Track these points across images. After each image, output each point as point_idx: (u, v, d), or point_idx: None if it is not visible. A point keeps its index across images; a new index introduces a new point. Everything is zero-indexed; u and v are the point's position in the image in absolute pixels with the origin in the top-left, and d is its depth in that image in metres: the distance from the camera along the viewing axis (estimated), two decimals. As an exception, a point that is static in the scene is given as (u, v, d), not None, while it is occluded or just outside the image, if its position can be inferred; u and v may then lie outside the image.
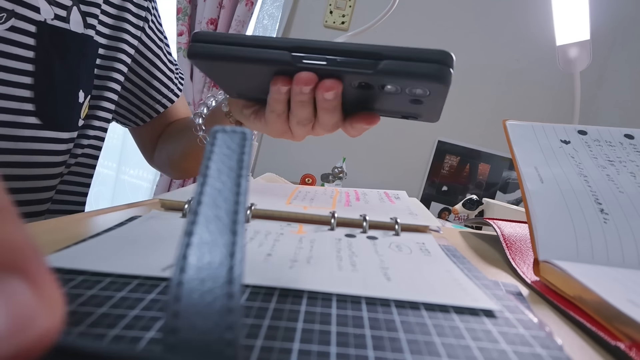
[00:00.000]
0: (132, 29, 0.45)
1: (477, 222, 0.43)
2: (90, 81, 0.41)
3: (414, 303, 0.17)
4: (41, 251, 0.07)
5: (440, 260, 0.23)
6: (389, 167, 1.49)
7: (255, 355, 0.12)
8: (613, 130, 0.32)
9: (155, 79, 0.51)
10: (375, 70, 0.24)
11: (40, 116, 0.34)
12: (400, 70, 0.23)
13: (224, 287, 0.09)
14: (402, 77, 0.24)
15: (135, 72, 0.49)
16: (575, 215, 0.25)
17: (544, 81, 1.45)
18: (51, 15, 0.34)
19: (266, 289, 0.17)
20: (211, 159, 0.12)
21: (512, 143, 0.31)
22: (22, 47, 0.32)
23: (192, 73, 1.48)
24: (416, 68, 0.23)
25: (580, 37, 0.83)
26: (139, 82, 0.50)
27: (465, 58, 1.47)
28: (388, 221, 0.30)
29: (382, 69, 0.24)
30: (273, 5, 1.52)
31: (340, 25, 1.48)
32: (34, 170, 0.36)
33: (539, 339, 0.14)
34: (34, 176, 0.36)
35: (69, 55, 0.36)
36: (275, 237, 0.25)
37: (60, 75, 0.35)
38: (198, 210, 0.11)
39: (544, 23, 1.22)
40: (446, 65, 0.23)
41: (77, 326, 0.13)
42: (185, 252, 0.10)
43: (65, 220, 0.27)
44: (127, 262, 0.18)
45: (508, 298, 0.19)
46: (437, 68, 0.23)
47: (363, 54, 0.24)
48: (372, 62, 0.24)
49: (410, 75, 0.23)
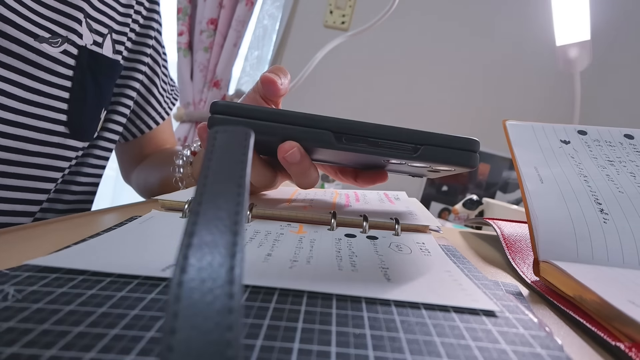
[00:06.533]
0: (148, 50, 0.50)
1: (477, 222, 0.43)
2: (110, 97, 0.45)
3: (414, 303, 0.17)
4: None
5: (440, 261, 0.23)
6: (389, 167, 1.49)
7: (255, 355, 0.12)
8: (613, 130, 0.32)
9: (153, 96, 0.54)
10: (415, 156, 0.25)
11: (70, 126, 0.39)
12: (437, 157, 0.25)
13: (224, 287, 0.09)
14: (437, 162, 0.25)
15: (137, 90, 0.51)
16: (575, 215, 0.25)
17: (544, 81, 1.45)
18: (90, 41, 0.39)
19: (266, 289, 0.17)
20: (211, 159, 0.12)
21: (512, 143, 0.31)
22: (65, 66, 0.37)
23: (192, 73, 1.48)
24: (452, 155, 0.25)
25: (580, 37, 0.83)
26: (138, 99, 0.53)
27: (465, 58, 1.47)
28: (388, 221, 0.30)
29: (420, 155, 0.25)
30: (273, 5, 1.52)
31: (340, 25, 1.48)
32: (39, 172, 0.39)
33: (539, 339, 0.14)
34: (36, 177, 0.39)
35: (100, 76, 0.41)
36: (275, 237, 0.25)
37: (91, 93, 0.40)
38: (199, 211, 0.11)
39: (544, 23, 1.22)
40: (475, 152, 0.25)
41: (77, 326, 0.13)
42: (185, 252, 0.10)
43: (65, 220, 0.27)
44: (127, 262, 0.18)
45: (508, 298, 0.19)
46: (469, 156, 0.25)
47: (404, 138, 0.25)
48: (412, 147, 0.25)
49: (446, 161, 0.25)
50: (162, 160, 0.53)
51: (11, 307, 0.14)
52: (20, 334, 0.12)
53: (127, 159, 0.59)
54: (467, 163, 0.25)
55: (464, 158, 0.25)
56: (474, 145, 0.25)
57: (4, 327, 0.13)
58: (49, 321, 0.13)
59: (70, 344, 0.12)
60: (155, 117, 0.56)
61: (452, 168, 0.27)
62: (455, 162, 0.25)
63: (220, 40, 1.45)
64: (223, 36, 1.45)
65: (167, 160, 0.50)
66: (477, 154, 0.25)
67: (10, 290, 0.15)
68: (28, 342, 0.12)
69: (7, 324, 0.13)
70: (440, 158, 0.25)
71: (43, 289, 0.15)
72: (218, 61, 1.46)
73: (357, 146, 0.25)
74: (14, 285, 0.16)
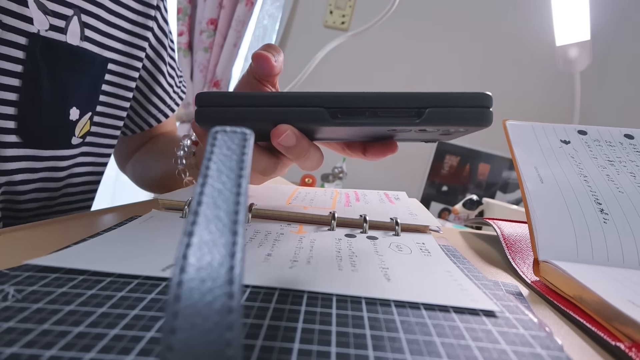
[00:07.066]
0: (144, 43, 0.43)
1: (477, 222, 0.43)
2: (91, 98, 0.38)
3: (414, 303, 0.17)
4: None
5: (440, 261, 0.23)
6: (389, 167, 1.49)
7: (255, 355, 0.12)
8: (613, 130, 0.32)
9: (155, 94, 0.48)
10: (418, 121, 0.23)
11: (22, 134, 0.32)
12: (445, 119, 0.23)
13: (224, 287, 0.09)
14: (445, 124, 0.23)
15: (137, 87, 0.46)
16: (575, 215, 0.25)
17: (544, 81, 1.45)
18: (46, 26, 0.31)
19: (266, 289, 0.17)
20: (211, 159, 0.12)
21: (512, 143, 0.31)
22: (10, 60, 0.30)
23: (192, 73, 1.48)
24: (462, 115, 0.22)
25: (580, 37, 0.83)
26: (139, 97, 0.47)
27: (465, 58, 1.47)
28: (388, 221, 0.30)
29: (425, 119, 0.23)
30: (273, 5, 1.52)
31: (340, 25, 1.48)
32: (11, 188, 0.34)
33: (539, 339, 0.14)
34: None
35: (60, 70, 0.33)
36: (275, 237, 0.25)
37: (48, 92, 0.33)
38: (198, 211, 0.11)
39: (544, 23, 1.22)
40: (487, 107, 0.23)
41: (77, 326, 0.13)
42: (185, 252, 0.10)
43: (65, 220, 0.27)
44: (127, 262, 0.18)
45: (508, 298, 0.19)
46: (482, 113, 0.22)
47: (404, 103, 0.23)
48: (415, 112, 0.23)
49: (455, 122, 0.23)
50: (161, 151, 0.49)
51: (11, 307, 0.14)
52: (20, 334, 0.12)
53: (122, 150, 0.54)
54: (479, 121, 0.22)
55: (475, 116, 0.22)
56: (485, 101, 0.22)
57: (4, 327, 0.13)
58: (49, 321, 0.13)
59: (70, 344, 0.12)
60: (157, 116, 0.50)
61: (464, 129, 0.24)
62: (466, 122, 0.22)
63: (220, 41, 1.45)
64: (223, 36, 1.45)
65: (167, 151, 0.46)
66: (491, 109, 0.23)
67: (10, 290, 0.15)
68: (28, 342, 0.12)
69: (7, 324, 0.13)
70: (449, 119, 0.22)
71: (43, 289, 0.15)
72: (218, 61, 1.46)
73: (355, 120, 0.23)
74: (14, 285, 0.16)
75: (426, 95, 0.22)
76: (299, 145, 0.25)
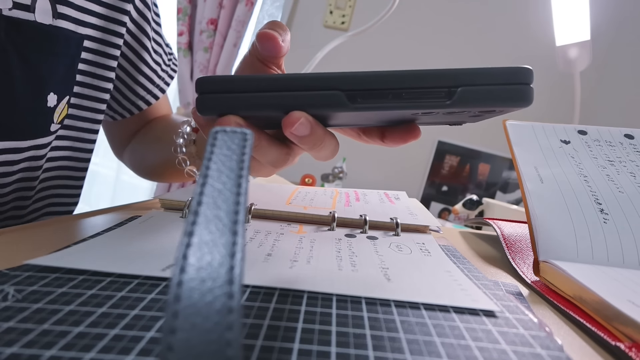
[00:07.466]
0: (126, 19, 0.39)
1: (477, 222, 0.43)
2: (68, 80, 0.35)
3: (414, 303, 0.17)
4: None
5: (440, 261, 0.23)
6: (389, 167, 1.49)
7: (255, 355, 0.12)
8: (613, 130, 0.32)
9: (141, 74, 0.45)
10: (449, 103, 0.20)
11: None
12: (480, 99, 0.19)
13: (224, 287, 0.09)
14: (480, 105, 0.20)
15: (121, 66, 0.43)
16: (575, 215, 0.25)
17: (544, 81, 1.45)
18: (9, 5, 0.28)
19: (266, 289, 0.17)
20: (211, 159, 0.12)
21: (512, 143, 0.31)
22: None
23: (192, 73, 1.48)
24: (500, 93, 0.19)
25: (580, 37, 0.83)
26: (124, 77, 0.44)
27: (465, 58, 1.47)
28: (388, 221, 0.30)
29: (458, 100, 0.19)
30: (273, 6, 1.52)
31: (340, 25, 1.48)
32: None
33: (539, 339, 0.14)
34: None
35: (32, 53, 0.30)
36: (275, 237, 0.25)
37: (20, 78, 0.30)
38: (198, 211, 0.11)
39: (544, 23, 1.22)
40: (528, 84, 0.20)
41: (77, 326, 0.13)
42: (185, 252, 0.10)
43: (65, 221, 0.27)
44: (127, 262, 0.18)
45: (508, 298, 0.19)
46: (522, 90, 0.20)
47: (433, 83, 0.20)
48: (445, 92, 0.20)
49: (492, 102, 0.20)
50: (157, 137, 0.46)
51: (11, 307, 0.14)
52: (20, 334, 0.12)
53: (117, 137, 0.51)
54: (519, 101, 0.19)
55: (515, 95, 0.19)
56: (526, 76, 0.19)
57: (4, 327, 0.13)
58: (49, 321, 0.13)
59: (70, 344, 0.12)
60: (146, 97, 0.47)
61: (499, 109, 0.21)
62: (504, 102, 0.19)
63: (220, 41, 1.45)
64: (223, 36, 1.45)
65: (164, 137, 0.43)
66: (532, 86, 0.20)
67: (10, 290, 0.15)
68: (28, 342, 0.12)
69: (7, 324, 0.13)
70: (484, 99, 0.19)
71: (43, 289, 0.15)
72: (218, 61, 1.46)
73: (376, 103, 0.20)
74: (14, 285, 0.16)
75: (457, 72, 0.20)
76: (313, 134, 0.22)
